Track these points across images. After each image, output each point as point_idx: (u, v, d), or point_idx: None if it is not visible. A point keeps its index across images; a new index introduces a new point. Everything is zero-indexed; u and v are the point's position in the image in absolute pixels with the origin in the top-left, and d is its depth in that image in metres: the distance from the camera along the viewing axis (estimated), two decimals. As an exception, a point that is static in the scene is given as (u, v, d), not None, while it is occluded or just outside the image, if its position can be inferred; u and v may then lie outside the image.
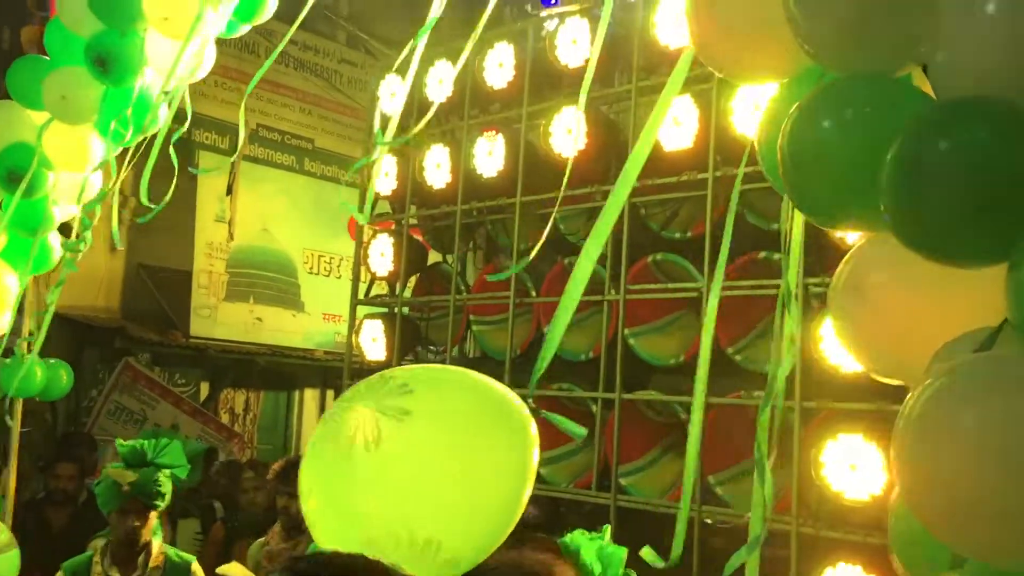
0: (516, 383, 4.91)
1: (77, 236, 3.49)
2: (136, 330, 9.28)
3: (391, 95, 5.50)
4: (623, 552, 2.21)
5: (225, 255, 10.17)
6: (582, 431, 2.14)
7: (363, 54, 11.27)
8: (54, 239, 3.62)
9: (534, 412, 1.88)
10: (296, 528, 3.99)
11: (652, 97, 4.48)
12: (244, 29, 3.27)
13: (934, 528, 1.22)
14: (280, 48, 3.08)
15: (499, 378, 4.90)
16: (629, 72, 4.62)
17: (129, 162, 3.58)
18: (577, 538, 2.16)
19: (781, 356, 1.79)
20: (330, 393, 11.28)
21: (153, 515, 3.81)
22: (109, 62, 3.08)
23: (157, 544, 3.85)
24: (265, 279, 10.62)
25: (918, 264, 1.26)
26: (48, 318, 3.63)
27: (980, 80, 1.23)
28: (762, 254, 4.08)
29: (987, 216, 1.15)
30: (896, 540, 1.46)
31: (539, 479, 4.78)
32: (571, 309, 1.98)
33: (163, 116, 3.41)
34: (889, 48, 1.41)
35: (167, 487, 3.81)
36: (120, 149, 3.39)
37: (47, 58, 3.42)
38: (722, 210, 4.04)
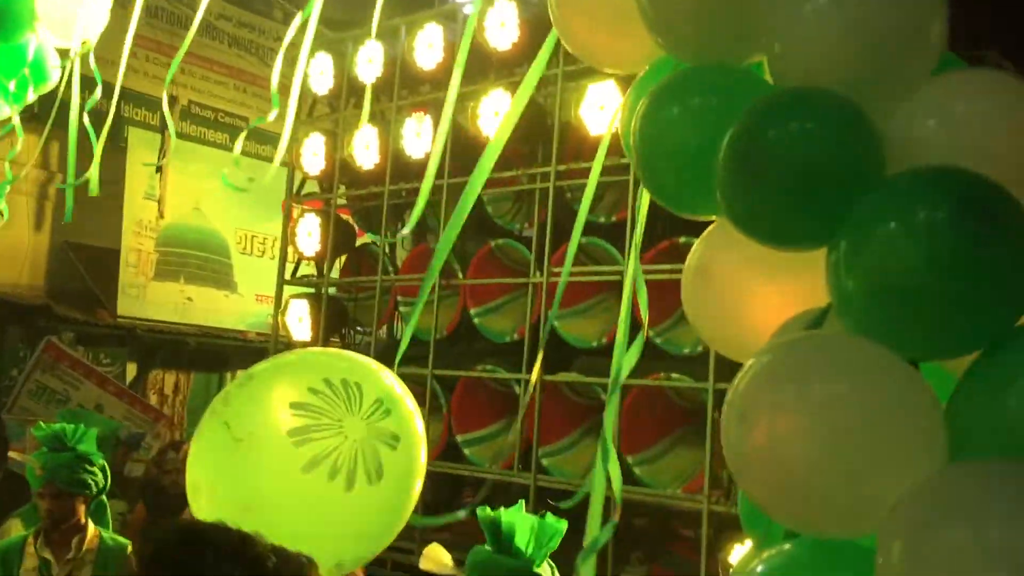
0: (440, 364, 4.94)
1: None
2: (61, 309, 9.08)
3: (320, 73, 5.46)
4: (563, 525, 2.21)
5: (155, 234, 9.99)
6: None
7: (300, 33, 11.12)
8: None
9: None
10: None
11: (578, 81, 4.52)
12: None
13: (758, 502, 1.27)
14: (199, 17, 3.01)
15: (425, 359, 4.94)
16: (556, 56, 4.63)
17: (47, 134, 3.48)
18: (510, 514, 2.15)
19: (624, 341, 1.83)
20: (263, 375, 11.17)
21: (79, 500, 3.75)
22: None
23: (92, 528, 3.80)
24: (197, 259, 10.45)
25: (758, 247, 1.31)
26: None
27: (811, 71, 1.28)
28: (682, 239, 4.15)
29: (807, 202, 1.20)
30: (742, 511, 1.52)
31: (464, 459, 4.84)
32: (426, 292, 2.01)
33: (68, 73, 3.32)
34: (731, 39, 1.45)
35: (97, 475, 3.77)
36: (21, 109, 3.30)
37: None
38: (647, 194, 4.11)
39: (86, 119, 3.48)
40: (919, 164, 1.22)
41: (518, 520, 2.12)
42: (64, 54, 3.36)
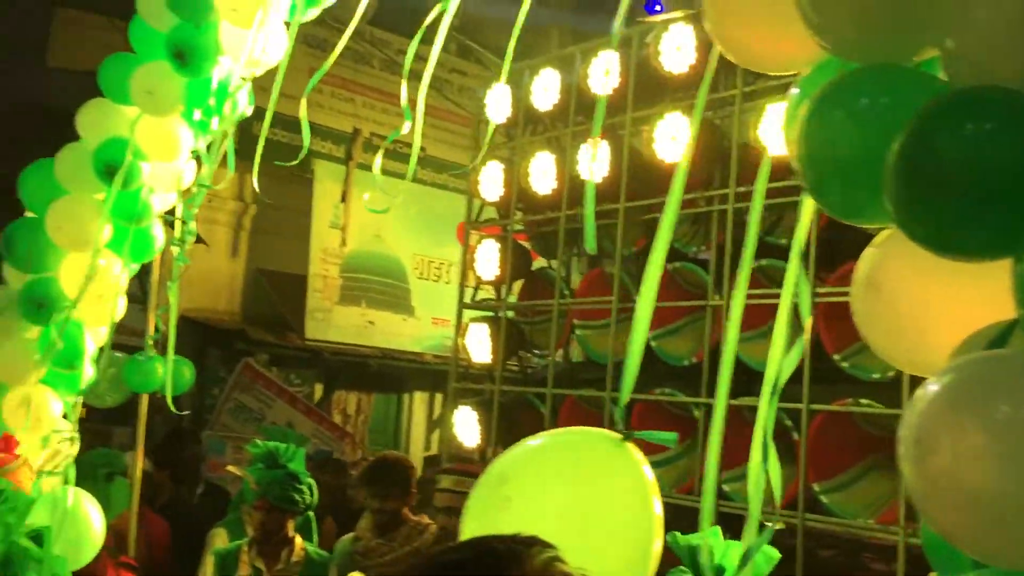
0: (618, 387, 4.94)
1: (182, 225, 3.66)
2: (255, 332, 9.70)
3: (497, 102, 5.62)
4: (775, 554, 2.15)
5: (339, 260, 10.51)
6: (674, 436, 2.11)
7: (473, 63, 11.48)
8: (156, 229, 3.79)
9: (627, 436, 1.85)
10: (388, 526, 4.12)
11: (756, 102, 4.46)
12: (312, 14, 3.36)
13: (940, 531, 1.22)
14: (343, 42, 3.17)
15: (602, 382, 4.96)
16: (733, 77, 4.60)
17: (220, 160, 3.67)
18: (713, 538, 2.12)
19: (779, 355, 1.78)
20: (438, 396, 11.51)
21: (288, 515, 3.97)
22: (187, 54, 3.20)
23: (299, 541, 4.05)
24: (377, 284, 10.92)
25: (933, 258, 1.25)
26: (174, 315, 3.83)
27: (989, 67, 1.21)
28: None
29: (990, 209, 1.14)
30: (925, 542, 1.45)
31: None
32: (647, 319, 1.95)
33: (242, 103, 3.54)
34: (900, 35, 1.38)
35: (305, 492, 3.98)
36: (211, 138, 3.54)
37: (134, 55, 3.54)
38: (826, 217, 4.00)
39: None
40: None
41: (724, 546, 2.10)
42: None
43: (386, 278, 10.97)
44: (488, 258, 5.64)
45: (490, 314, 5.76)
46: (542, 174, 5.34)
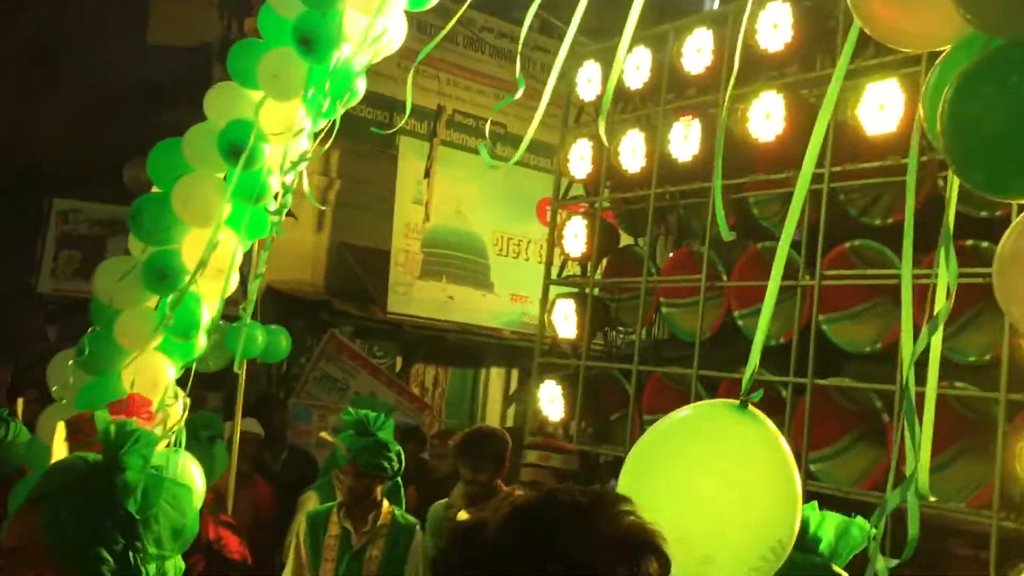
0: (704, 364, 4.97)
1: (278, 200, 3.78)
2: (339, 304, 9.91)
3: (587, 81, 5.65)
4: (869, 528, 2.21)
5: (421, 235, 10.65)
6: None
7: (556, 40, 11.46)
8: (271, 208, 3.92)
9: (744, 403, 1.91)
10: (479, 496, 4.22)
11: (855, 80, 4.42)
12: (432, 2, 3.43)
13: None
14: (449, 27, 3.23)
15: (686, 360, 5.00)
16: (832, 55, 4.56)
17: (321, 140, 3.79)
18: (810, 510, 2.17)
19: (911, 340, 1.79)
20: (515, 372, 11.63)
21: (377, 480, 4.12)
22: (313, 41, 3.30)
23: (386, 505, 4.20)
24: (457, 259, 11.04)
25: None
26: (257, 283, 3.96)
27: None
28: (969, 242, 3.97)
29: None
30: None
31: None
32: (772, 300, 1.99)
33: (361, 89, 3.62)
34: None
35: (393, 460, 4.11)
36: (326, 122, 3.63)
37: (262, 40, 3.64)
38: (926, 195, 3.96)
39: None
40: None
41: (820, 517, 2.14)
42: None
43: (466, 254, 11.09)
44: (575, 235, 5.70)
45: (576, 290, 5.83)
46: (631, 152, 5.37)
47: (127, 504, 2.26)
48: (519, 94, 2.75)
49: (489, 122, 4.44)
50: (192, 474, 3.69)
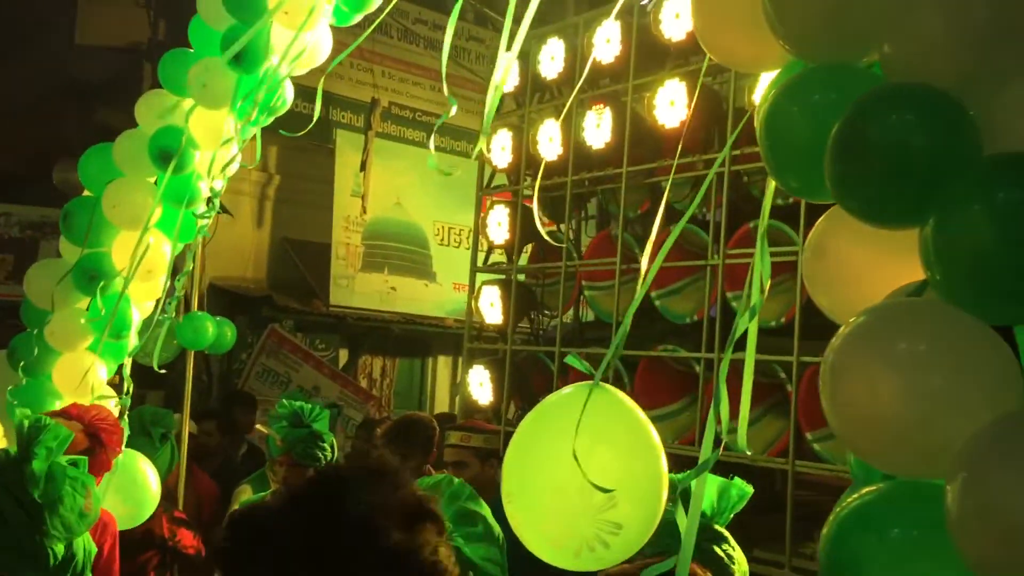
0: (625, 345, 5.15)
1: (208, 204, 3.89)
2: (281, 299, 9.97)
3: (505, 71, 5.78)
4: (749, 489, 2.40)
5: (361, 228, 10.73)
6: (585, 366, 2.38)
7: (490, 31, 11.59)
8: (199, 211, 4.02)
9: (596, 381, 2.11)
10: None
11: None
12: (356, 19, 3.56)
13: (850, 448, 1.44)
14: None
15: (607, 340, 5.17)
16: (730, 43, 4.74)
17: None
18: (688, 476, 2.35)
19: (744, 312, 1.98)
20: (461, 360, 11.77)
21: (310, 471, 4.21)
22: (242, 54, 3.42)
23: None
24: (399, 250, 11.14)
25: (867, 227, 1.46)
26: (183, 279, 4.04)
27: (916, 67, 1.42)
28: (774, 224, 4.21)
29: (900, 185, 1.34)
30: (849, 460, 1.66)
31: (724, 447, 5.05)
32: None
33: (289, 98, 3.74)
34: (848, 41, 1.59)
35: (327, 450, 4.22)
36: (253, 130, 3.75)
37: (191, 51, 3.77)
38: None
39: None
40: (1012, 150, 1.34)
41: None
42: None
43: (407, 245, 11.19)
44: (499, 223, 5.84)
45: (502, 277, 5.98)
46: (549, 141, 5.52)
47: (32, 491, 2.40)
48: (452, 111, 2.86)
49: (433, 137, 4.53)
50: (146, 474, 3.78)
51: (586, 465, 1.89)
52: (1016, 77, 1.37)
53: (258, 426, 6.23)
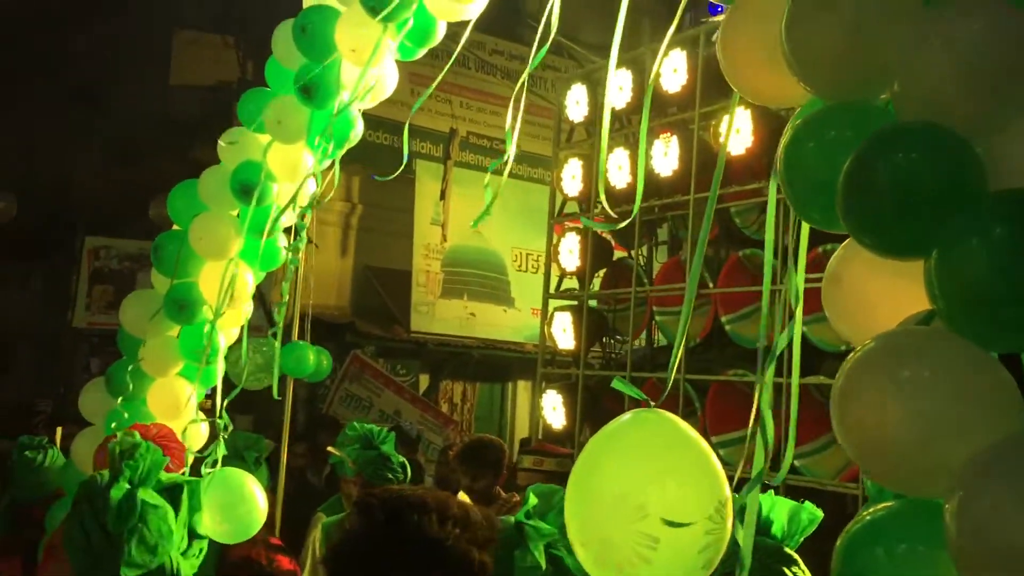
0: (693, 369, 5.20)
1: (295, 236, 4.07)
2: (364, 325, 10.24)
3: (575, 103, 5.92)
4: (819, 514, 2.46)
5: (441, 255, 10.96)
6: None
7: (566, 59, 11.76)
8: (281, 241, 4.22)
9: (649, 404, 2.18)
10: (479, 503, 4.45)
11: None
12: (420, 53, 3.70)
13: (861, 469, 1.50)
14: (455, 55, 3.49)
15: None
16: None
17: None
18: (767, 499, 2.42)
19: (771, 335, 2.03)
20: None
21: None
22: (313, 89, 3.60)
23: None
24: (478, 277, 11.33)
25: (880, 258, 1.53)
26: (283, 310, 4.25)
27: (926, 106, 1.49)
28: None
29: (905, 220, 1.42)
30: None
31: (720, 460, 5.08)
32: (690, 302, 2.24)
33: (360, 130, 3.92)
34: (862, 82, 1.66)
35: (397, 471, 4.37)
36: (328, 162, 3.93)
37: (268, 89, 3.93)
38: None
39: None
40: (1008, 187, 1.41)
41: (771, 502, 2.36)
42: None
43: (486, 271, 11.37)
44: (570, 250, 5.96)
45: (574, 303, 6.08)
46: (618, 169, 5.63)
47: (107, 520, 2.57)
48: (510, 156, 2.93)
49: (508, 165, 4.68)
50: (252, 489, 3.96)
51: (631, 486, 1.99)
52: (1021, 115, 1.43)
53: (329, 448, 6.43)
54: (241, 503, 3.84)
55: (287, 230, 4.23)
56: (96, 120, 10.55)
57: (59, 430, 5.49)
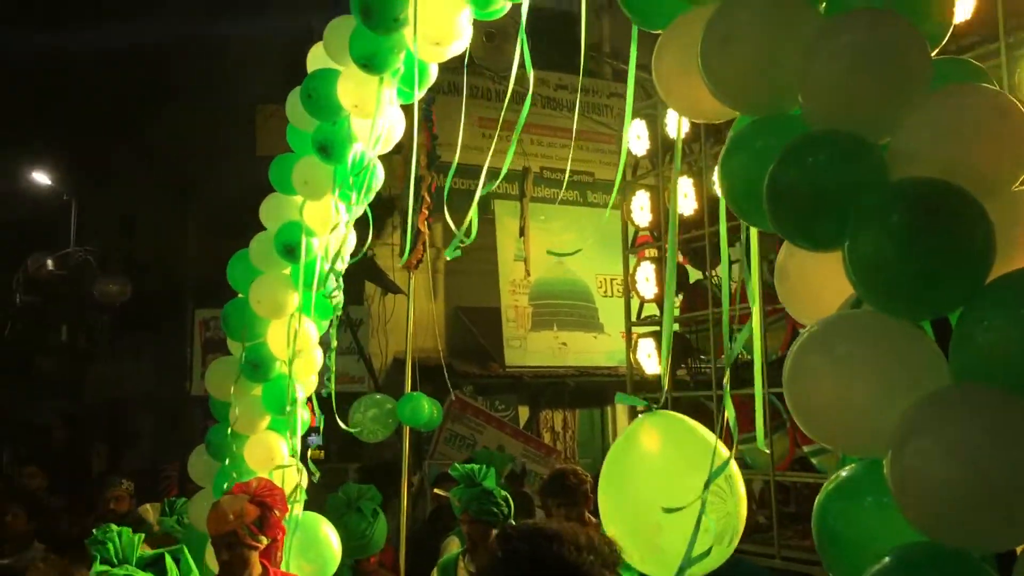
0: (778, 383, 5.33)
1: (335, 283, 4.25)
2: (460, 365, 10.58)
3: (636, 137, 6.16)
4: None
5: (527, 289, 11.25)
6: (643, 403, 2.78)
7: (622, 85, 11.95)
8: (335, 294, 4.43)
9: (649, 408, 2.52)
10: None
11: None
12: (420, 94, 3.76)
13: (811, 435, 1.81)
14: (530, 97, 3.58)
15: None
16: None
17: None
18: None
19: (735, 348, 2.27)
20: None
21: (490, 525, 4.47)
22: (328, 147, 3.81)
23: None
24: (565, 307, 11.58)
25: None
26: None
27: (828, 114, 1.75)
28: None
29: (817, 215, 1.69)
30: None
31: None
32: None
33: (380, 177, 4.09)
34: (775, 97, 1.91)
35: (501, 505, 4.57)
36: (361, 210, 4.08)
37: (293, 153, 4.16)
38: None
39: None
40: (910, 176, 1.64)
41: None
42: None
43: (573, 300, 11.61)
44: (647, 278, 6.17)
45: (657, 329, 6.28)
46: (684, 197, 5.83)
47: None
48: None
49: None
50: (327, 533, 4.23)
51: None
52: (918, 104, 1.70)
53: (436, 490, 6.71)
54: (317, 545, 4.09)
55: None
56: (194, 198, 11.22)
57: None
